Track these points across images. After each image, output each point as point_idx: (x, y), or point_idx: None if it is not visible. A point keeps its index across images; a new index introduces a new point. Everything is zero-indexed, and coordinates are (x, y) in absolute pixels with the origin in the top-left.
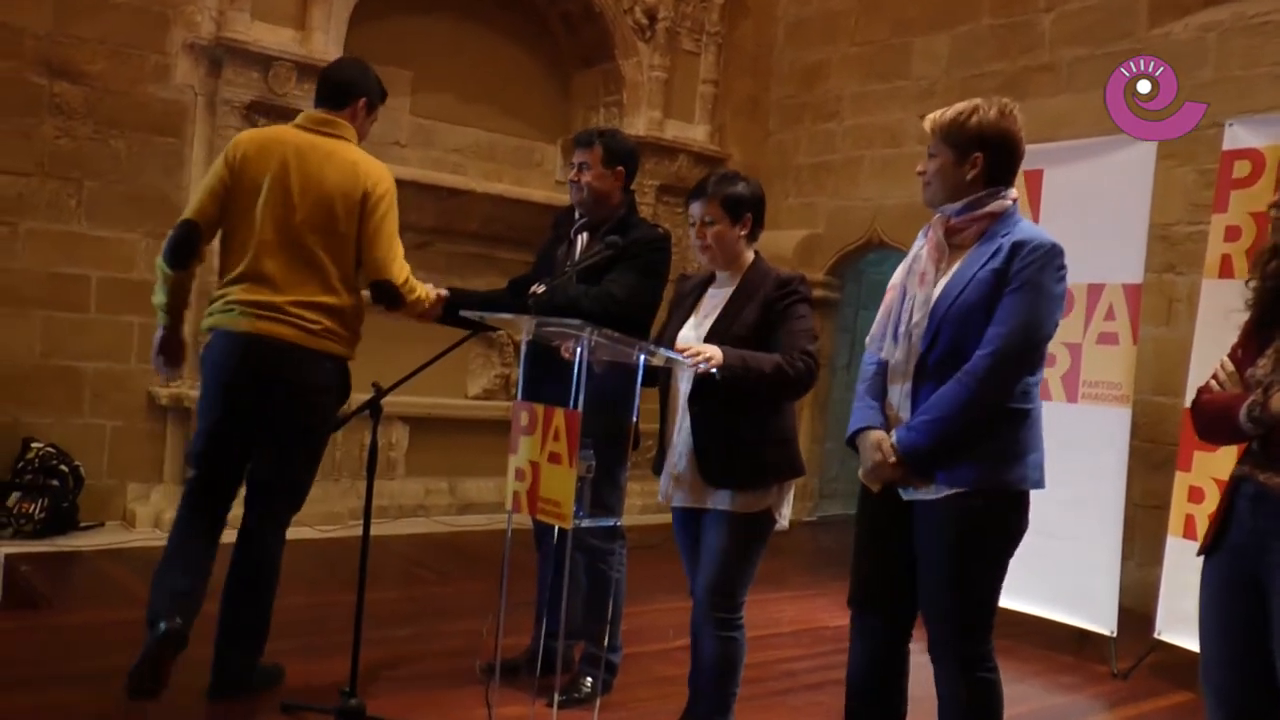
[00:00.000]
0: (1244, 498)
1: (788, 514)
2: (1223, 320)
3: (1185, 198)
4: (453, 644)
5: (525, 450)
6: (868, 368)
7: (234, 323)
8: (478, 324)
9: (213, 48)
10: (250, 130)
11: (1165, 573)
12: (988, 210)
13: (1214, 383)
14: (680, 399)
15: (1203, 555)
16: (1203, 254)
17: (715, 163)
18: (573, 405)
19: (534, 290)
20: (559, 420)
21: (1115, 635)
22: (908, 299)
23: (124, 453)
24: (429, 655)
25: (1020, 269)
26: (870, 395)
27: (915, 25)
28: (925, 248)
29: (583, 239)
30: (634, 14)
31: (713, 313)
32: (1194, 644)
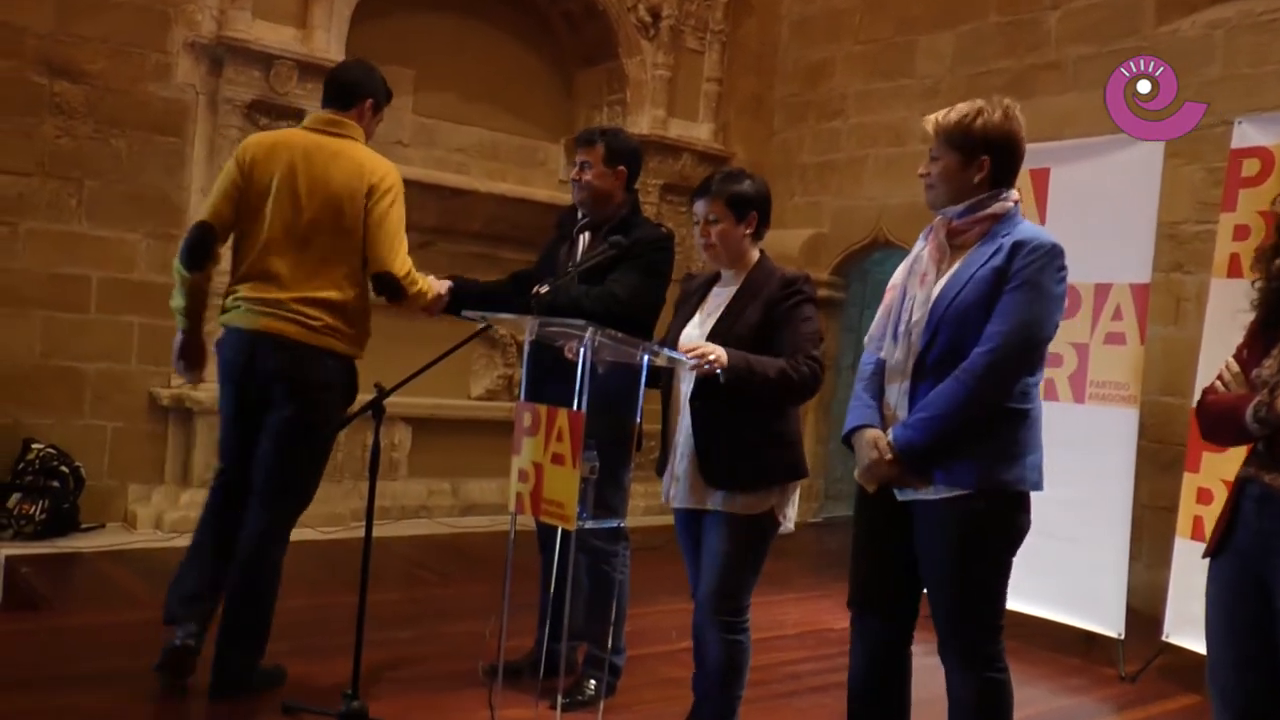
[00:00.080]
0: (1250, 499)
1: (793, 516)
2: (1231, 320)
3: (1193, 196)
4: (455, 646)
5: (529, 451)
6: (866, 367)
7: (241, 320)
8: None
9: (214, 46)
10: (259, 133)
11: (1173, 575)
12: (990, 212)
13: (1219, 383)
14: (682, 399)
15: (1209, 557)
16: (1211, 253)
17: (719, 161)
18: (576, 406)
19: (537, 290)
20: (562, 421)
21: (1123, 638)
22: (908, 298)
23: (125, 454)
24: (431, 657)
25: (1020, 268)
26: (867, 394)
27: (920, 23)
28: (927, 248)
29: (585, 239)
30: (637, 12)
31: (716, 312)
32: (1203, 646)
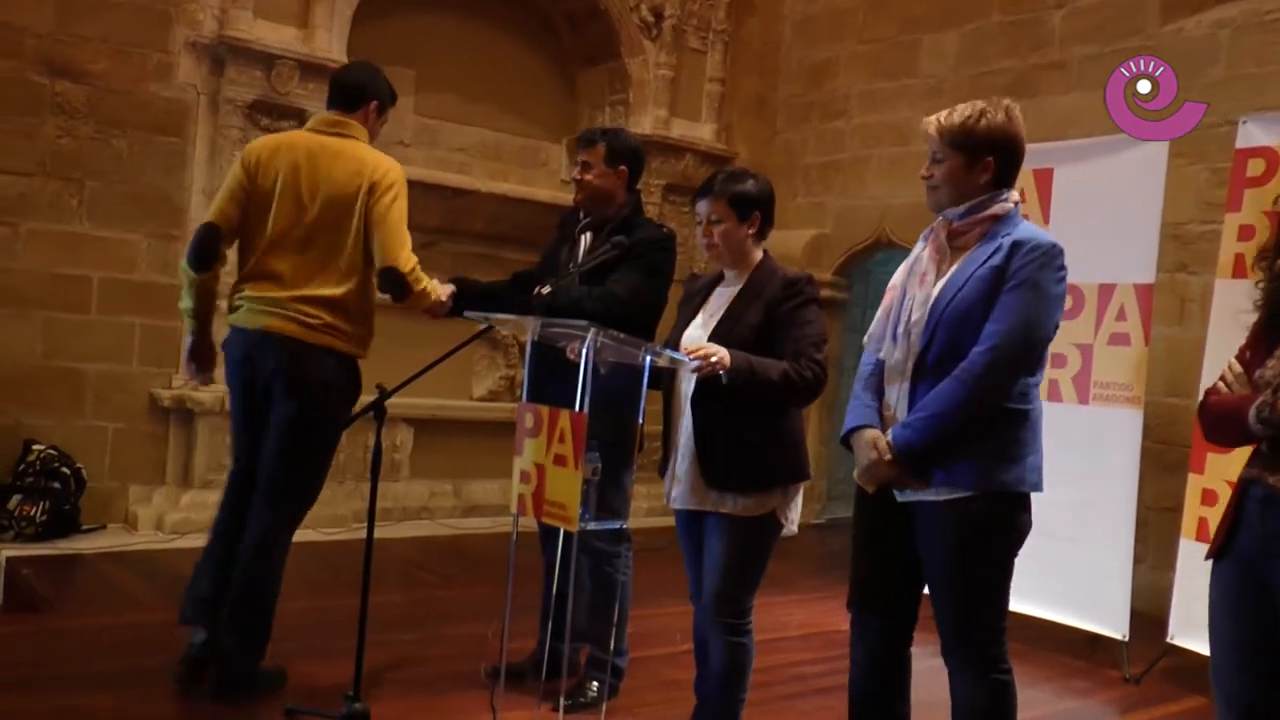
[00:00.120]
0: (1253, 500)
1: (796, 519)
2: (1235, 321)
3: (1198, 196)
4: (457, 648)
5: (531, 452)
6: (865, 368)
7: (244, 319)
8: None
9: (215, 46)
10: (265, 136)
11: (1178, 576)
12: (990, 212)
13: (1221, 384)
14: (684, 400)
15: (1211, 559)
16: (1216, 253)
17: (722, 161)
18: (578, 407)
19: (538, 291)
20: (564, 422)
21: (1127, 639)
22: (907, 298)
23: (126, 455)
24: (433, 659)
25: (1020, 267)
26: (867, 394)
27: (924, 22)
28: (927, 249)
29: (586, 239)
30: (640, 11)
31: (718, 312)
32: (1207, 648)
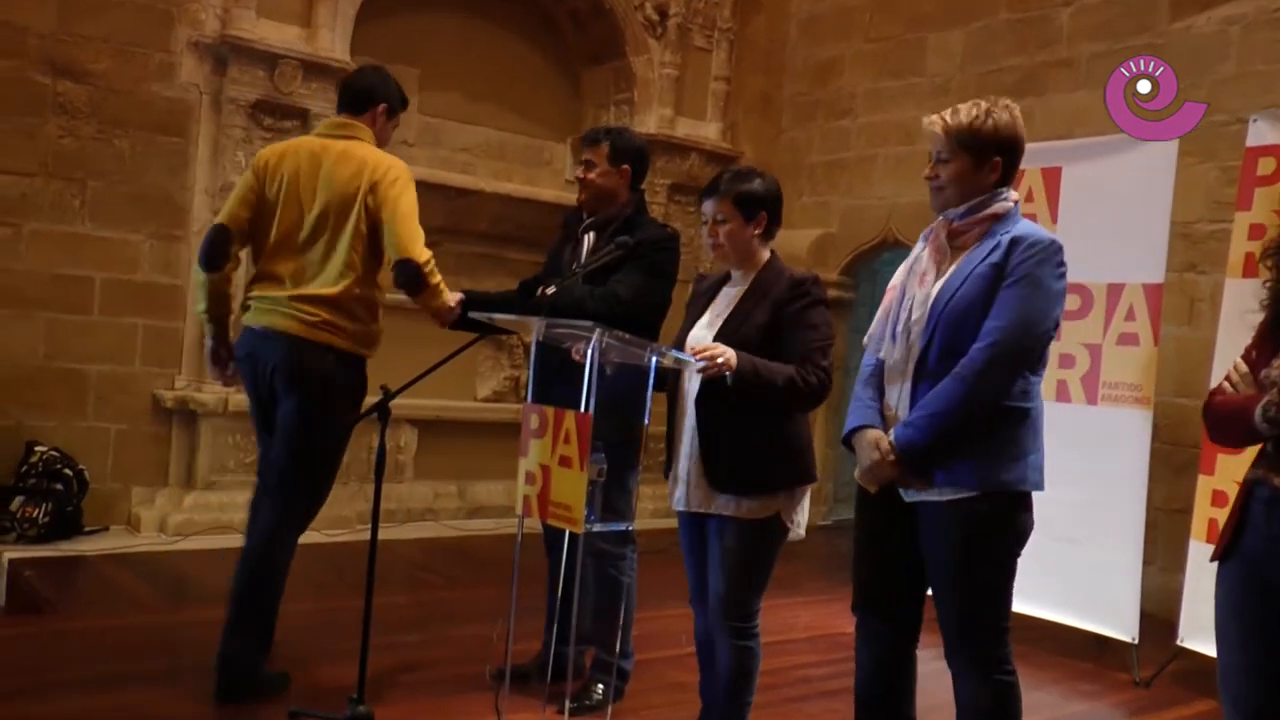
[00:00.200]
0: (1259, 501)
1: (803, 521)
2: (1245, 321)
3: (1207, 195)
4: (462, 650)
5: (536, 453)
6: (865, 368)
7: (251, 319)
8: (488, 325)
9: (218, 46)
10: (277, 143)
11: (1188, 578)
12: (990, 211)
13: (1227, 384)
14: (687, 400)
15: (1217, 560)
16: (1225, 253)
17: (727, 161)
18: (584, 408)
19: (542, 290)
20: (570, 423)
21: (1137, 642)
22: (906, 298)
23: (128, 456)
24: (438, 661)
25: (1019, 263)
26: (867, 394)
27: (930, 21)
28: (927, 249)
29: (590, 239)
30: (644, 10)
31: (724, 312)
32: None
